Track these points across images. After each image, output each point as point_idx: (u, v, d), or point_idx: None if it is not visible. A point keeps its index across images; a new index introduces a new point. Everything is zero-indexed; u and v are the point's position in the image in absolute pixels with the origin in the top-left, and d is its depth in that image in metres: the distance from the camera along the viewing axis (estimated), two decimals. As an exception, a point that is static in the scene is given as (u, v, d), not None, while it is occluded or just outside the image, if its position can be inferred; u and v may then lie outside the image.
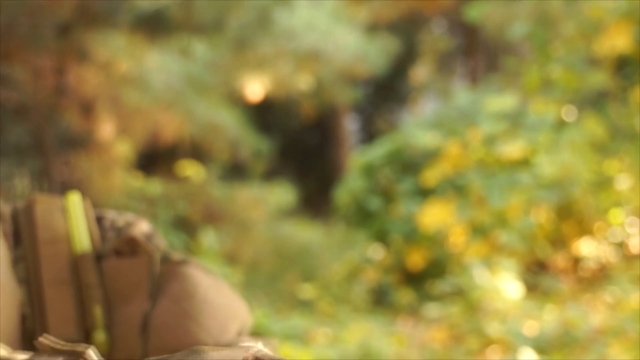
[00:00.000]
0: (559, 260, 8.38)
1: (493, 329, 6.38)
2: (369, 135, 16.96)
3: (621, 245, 8.44)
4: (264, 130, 12.89)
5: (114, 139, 9.77)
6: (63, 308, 1.19)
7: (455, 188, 8.81)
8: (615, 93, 8.70)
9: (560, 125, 8.79)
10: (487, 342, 6.31)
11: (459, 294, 7.48)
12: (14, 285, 1.17)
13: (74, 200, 1.25)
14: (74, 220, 1.24)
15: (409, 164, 9.50)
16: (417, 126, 10.04)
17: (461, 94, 10.38)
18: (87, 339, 1.19)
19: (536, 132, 8.72)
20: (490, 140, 8.85)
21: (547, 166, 8.24)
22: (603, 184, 8.34)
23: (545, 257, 8.30)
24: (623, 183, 8.32)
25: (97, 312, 1.20)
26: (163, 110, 9.52)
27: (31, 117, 10.67)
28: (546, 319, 6.51)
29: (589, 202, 8.32)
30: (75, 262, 1.22)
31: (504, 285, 7.17)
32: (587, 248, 8.40)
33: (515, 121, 9.02)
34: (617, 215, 8.32)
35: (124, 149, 9.90)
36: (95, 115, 9.30)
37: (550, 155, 8.33)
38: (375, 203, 9.56)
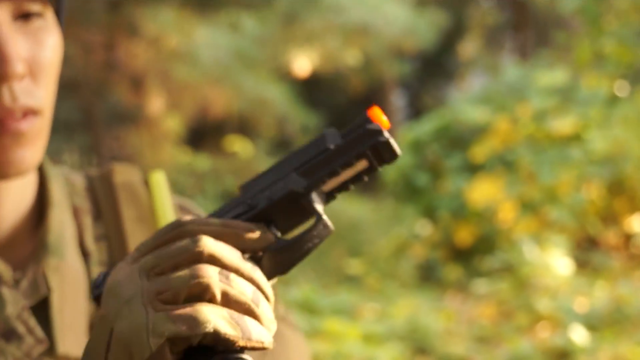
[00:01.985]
0: (610, 236, 8.32)
1: (543, 305, 6.36)
2: (416, 111, 16.93)
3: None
4: (311, 105, 12.91)
5: (163, 113, 9.86)
6: None
7: (505, 164, 8.78)
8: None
9: (613, 100, 8.71)
10: (537, 318, 6.30)
11: (508, 270, 7.47)
12: (82, 270, 1.09)
13: (159, 179, 1.16)
14: (159, 199, 1.15)
15: (457, 140, 9.47)
16: (466, 102, 10.00)
17: (510, 69, 10.30)
18: None
19: (588, 107, 8.66)
20: (540, 116, 8.80)
21: (598, 142, 8.18)
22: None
23: (596, 233, 8.25)
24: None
25: None
26: (212, 85, 9.57)
27: (81, 93, 10.77)
28: (597, 296, 6.48)
29: (641, 178, 8.26)
30: None
31: (554, 262, 7.14)
32: (639, 224, 8.33)
33: (566, 96, 8.96)
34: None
35: (173, 124, 9.98)
36: (145, 90, 9.38)
37: (602, 130, 8.26)
38: (423, 179, 9.55)
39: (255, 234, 0.81)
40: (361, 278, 8.76)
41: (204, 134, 11.55)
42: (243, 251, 0.80)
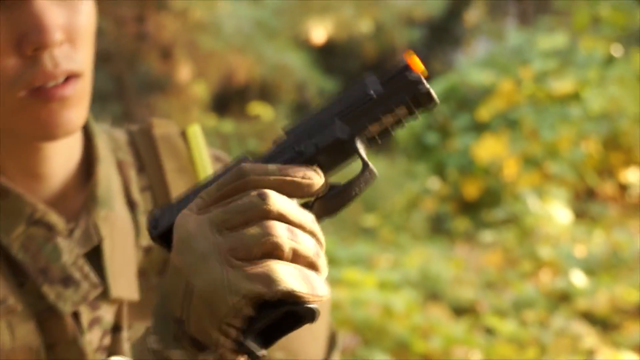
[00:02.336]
0: (607, 188, 8.32)
1: (545, 252, 6.38)
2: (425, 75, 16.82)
3: (666, 174, 8.35)
4: (327, 71, 12.87)
5: (190, 81, 9.84)
6: None
7: (509, 122, 8.76)
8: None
9: (609, 61, 8.66)
10: (539, 264, 6.31)
11: (513, 220, 7.48)
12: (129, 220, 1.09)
13: (195, 131, 1.15)
14: (197, 151, 1.13)
15: (464, 101, 9.44)
16: (472, 65, 9.95)
17: (513, 34, 10.24)
18: None
19: (585, 69, 8.61)
20: (541, 77, 8.76)
21: (596, 100, 8.14)
22: (649, 116, 8.23)
23: (593, 185, 8.25)
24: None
25: None
26: (235, 53, 9.55)
27: (113, 64, 10.77)
28: (594, 243, 6.49)
29: (636, 133, 8.22)
30: None
31: (555, 212, 7.14)
32: (634, 176, 8.32)
33: (565, 58, 8.91)
34: (662, 146, 8.22)
35: (199, 91, 9.96)
36: (173, 60, 9.37)
37: (599, 89, 8.22)
38: (433, 138, 9.54)
39: (312, 181, 0.80)
40: (376, 230, 8.77)
41: (228, 100, 11.55)
42: (300, 197, 0.81)
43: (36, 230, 1.02)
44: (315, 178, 0.80)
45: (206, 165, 1.14)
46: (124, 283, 1.06)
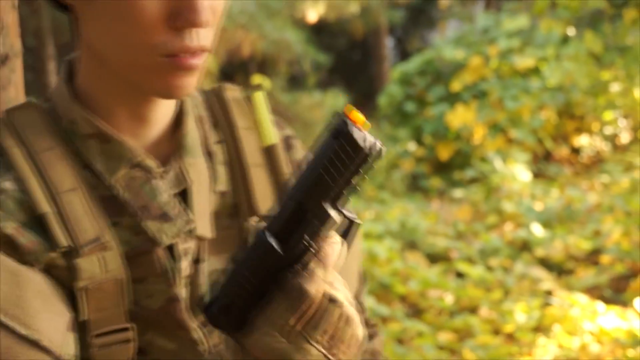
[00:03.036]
0: (562, 151, 8.31)
1: (508, 207, 6.38)
2: (402, 54, 16.76)
3: (612, 139, 8.34)
4: (320, 47, 12.79)
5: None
6: (263, 188, 1.10)
7: (477, 93, 8.73)
8: (610, 14, 8.47)
9: (564, 40, 8.61)
10: (503, 218, 6.31)
11: (480, 179, 7.47)
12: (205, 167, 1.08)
13: (260, 97, 1.15)
14: (262, 114, 1.14)
15: (439, 75, 9.39)
16: (446, 44, 9.89)
17: (481, 17, 10.15)
18: None
19: (544, 47, 8.57)
20: (506, 54, 8.72)
21: (553, 74, 8.11)
22: (599, 89, 8.20)
23: (550, 149, 8.23)
24: (615, 88, 8.17)
25: None
26: (240, 30, 9.45)
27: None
28: (551, 199, 6.48)
29: (587, 103, 8.20)
30: (267, 151, 1.12)
31: (517, 172, 7.13)
32: (585, 141, 8.31)
33: (527, 38, 8.86)
34: (609, 114, 8.20)
35: (209, 63, 9.87)
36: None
37: (556, 65, 8.19)
38: (411, 107, 9.50)
39: (339, 249, 0.89)
40: (361, 188, 8.76)
41: (233, 72, 11.46)
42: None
43: (136, 172, 1.02)
44: (336, 245, 0.88)
45: (269, 127, 1.14)
46: (205, 222, 1.06)
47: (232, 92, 1.15)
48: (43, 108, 1.04)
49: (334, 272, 0.88)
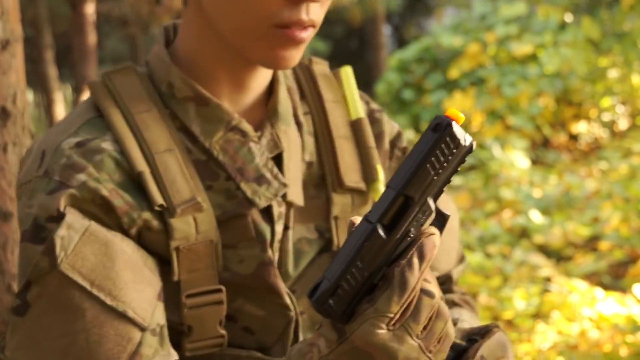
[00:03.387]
0: (560, 138, 8.30)
1: (507, 194, 6.37)
2: (399, 42, 16.73)
3: (611, 125, 8.34)
4: (318, 34, 12.75)
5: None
6: (349, 159, 1.11)
7: (475, 80, 8.71)
8: (607, 0, 8.46)
9: (562, 27, 8.60)
10: (502, 205, 6.31)
11: (479, 166, 7.46)
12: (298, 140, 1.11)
13: (348, 72, 1.16)
14: (349, 89, 1.15)
15: (437, 62, 9.37)
16: (443, 31, 9.87)
17: (479, 4, 10.13)
18: (368, 188, 1.13)
19: (542, 33, 8.55)
20: (504, 41, 8.70)
21: (550, 61, 8.09)
22: (597, 75, 8.18)
23: (548, 136, 8.23)
24: (613, 74, 8.16)
25: (379, 167, 1.12)
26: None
27: (128, 28, 10.62)
28: (549, 185, 6.48)
29: (585, 90, 8.19)
30: (353, 125, 1.14)
31: (516, 159, 7.13)
32: (583, 128, 8.30)
33: (524, 24, 8.84)
34: (607, 101, 8.19)
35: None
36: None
37: (553, 52, 8.17)
38: (409, 94, 9.48)
39: (437, 243, 0.88)
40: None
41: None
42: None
43: (233, 135, 1.03)
44: (437, 238, 0.88)
45: (357, 101, 1.15)
46: (297, 189, 1.07)
47: (320, 66, 1.17)
48: (140, 71, 1.05)
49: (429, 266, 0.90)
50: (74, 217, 0.94)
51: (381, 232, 0.85)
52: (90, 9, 6.68)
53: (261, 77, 1.06)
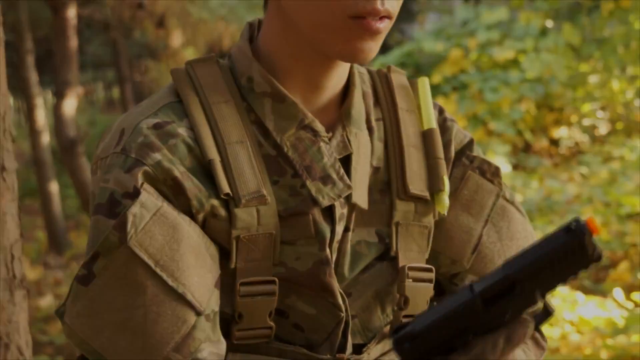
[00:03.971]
0: (541, 143, 8.33)
1: (488, 198, 6.37)
2: (382, 47, 16.76)
3: (591, 130, 8.38)
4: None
5: (181, 46, 9.69)
6: (416, 168, 1.11)
7: (458, 85, 8.73)
8: (588, 6, 8.51)
9: (543, 33, 8.64)
10: (483, 208, 6.31)
11: (460, 171, 7.47)
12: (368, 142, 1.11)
13: (425, 82, 1.17)
14: (424, 99, 1.15)
15: (419, 67, 9.39)
16: (426, 36, 9.89)
17: (461, 10, 10.16)
18: (433, 198, 1.12)
19: (523, 39, 8.59)
20: (485, 46, 8.73)
21: (532, 66, 8.13)
22: (577, 80, 8.23)
23: (529, 141, 8.26)
24: (593, 80, 8.21)
25: (445, 179, 1.12)
26: (221, 22, 9.41)
27: (110, 32, 10.56)
28: (531, 190, 6.51)
29: (566, 95, 8.24)
30: (424, 135, 1.13)
31: (497, 164, 7.15)
32: (563, 133, 8.34)
33: (506, 30, 8.88)
34: (588, 106, 8.24)
35: (189, 56, 9.82)
36: (166, 27, 9.19)
37: (534, 57, 8.21)
38: (391, 99, 9.49)
39: (529, 332, 0.90)
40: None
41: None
42: None
43: (304, 133, 1.05)
44: (530, 330, 0.89)
45: (430, 112, 1.15)
46: (362, 192, 1.08)
47: (398, 74, 1.17)
48: (223, 64, 1.08)
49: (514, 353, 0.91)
50: (148, 195, 0.97)
51: (479, 304, 0.87)
52: (71, 13, 6.63)
53: (337, 78, 1.07)
